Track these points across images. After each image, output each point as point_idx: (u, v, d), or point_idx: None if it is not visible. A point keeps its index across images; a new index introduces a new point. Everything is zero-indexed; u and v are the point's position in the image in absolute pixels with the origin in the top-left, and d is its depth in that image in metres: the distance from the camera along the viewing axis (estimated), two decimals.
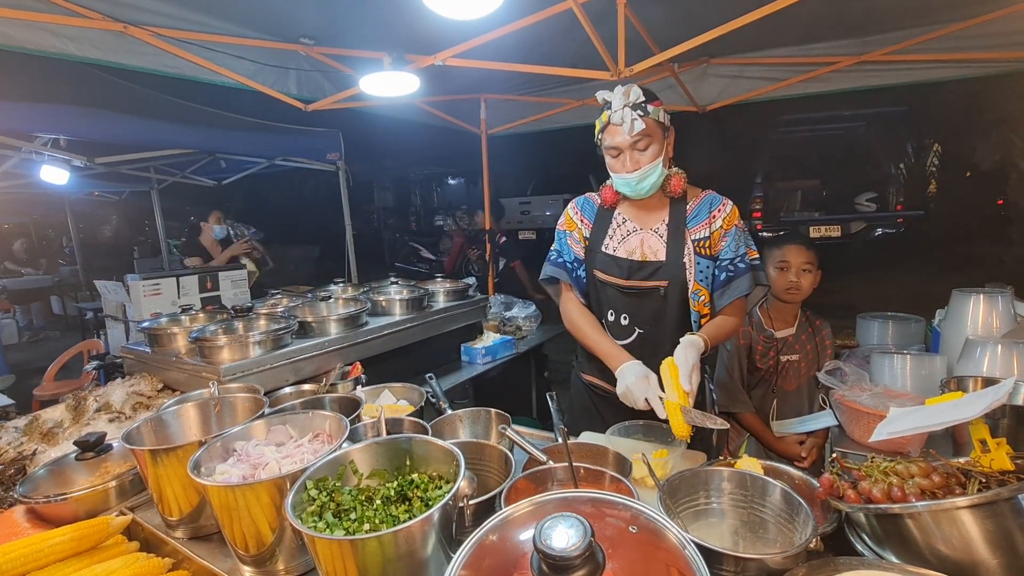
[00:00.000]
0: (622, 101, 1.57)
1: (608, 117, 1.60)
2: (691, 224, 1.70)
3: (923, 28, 3.13)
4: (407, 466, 1.06)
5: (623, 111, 1.56)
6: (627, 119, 1.55)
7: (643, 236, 1.74)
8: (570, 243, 1.85)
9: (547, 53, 3.11)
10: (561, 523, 0.69)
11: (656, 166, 1.61)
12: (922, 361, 1.91)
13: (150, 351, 2.17)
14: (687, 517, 1.10)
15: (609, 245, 1.77)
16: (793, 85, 3.79)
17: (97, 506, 1.28)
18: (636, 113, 1.55)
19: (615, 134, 1.60)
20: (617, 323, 1.76)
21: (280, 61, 3.14)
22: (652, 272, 1.69)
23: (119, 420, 1.77)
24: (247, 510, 0.97)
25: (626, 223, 1.78)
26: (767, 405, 2.20)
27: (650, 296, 1.70)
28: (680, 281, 1.67)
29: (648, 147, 1.59)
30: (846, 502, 1.03)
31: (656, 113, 1.59)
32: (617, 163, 1.64)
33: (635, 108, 1.56)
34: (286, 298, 2.92)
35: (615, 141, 1.60)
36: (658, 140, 1.61)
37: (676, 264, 1.67)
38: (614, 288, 1.74)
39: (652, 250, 1.72)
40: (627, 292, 1.72)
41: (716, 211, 1.69)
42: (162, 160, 5.42)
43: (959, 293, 2.11)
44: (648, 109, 1.57)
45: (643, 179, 1.61)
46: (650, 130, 1.58)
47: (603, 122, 1.63)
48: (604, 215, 1.82)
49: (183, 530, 1.18)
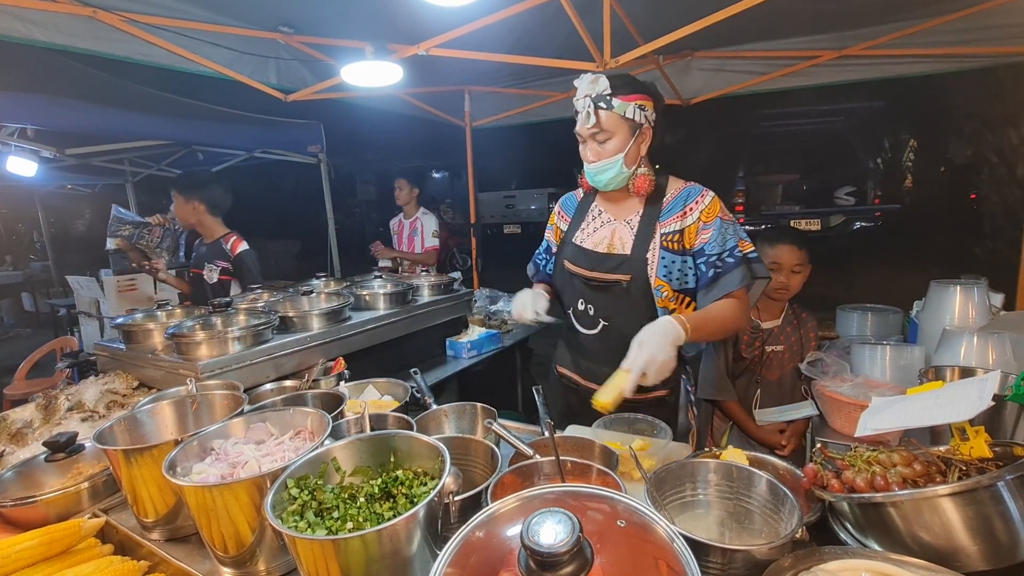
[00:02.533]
0: (584, 90, 1.53)
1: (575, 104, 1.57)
2: (664, 217, 1.65)
3: (902, 23, 3.18)
4: (391, 463, 1.04)
5: (583, 100, 1.53)
6: (584, 108, 1.53)
7: (615, 227, 1.72)
8: (547, 236, 1.93)
9: (532, 44, 3.08)
10: (549, 519, 0.68)
11: (615, 162, 1.57)
12: (901, 351, 1.94)
13: (125, 348, 2.10)
14: (674, 509, 1.10)
15: (579, 236, 1.77)
16: (775, 79, 3.82)
17: (69, 509, 1.23)
18: (598, 104, 1.51)
19: (579, 122, 1.59)
20: (585, 312, 1.76)
21: (258, 50, 3.06)
22: (616, 265, 1.67)
23: (92, 419, 1.71)
24: (225, 510, 0.94)
25: (601, 215, 1.77)
26: (751, 394, 2.23)
27: (612, 289, 1.68)
28: (642, 275, 1.63)
29: (607, 141, 1.55)
30: (830, 492, 1.04)
31: (623, 108, 1.52)
32: (582, 150, 1.64)
33: (597, 100, 1.51)
34: (267, 293, 2.86)
35: (578, 127, 1.60)
36: (622, 135, 1.55)
37: (639, 259, 1.63)
38: (580, 279, 1.73)
39: (622, 242, 1.69)
40: (591, 284, 1.71)
41: (692, 204, 1.62)
42: (136, 152, 5.26)
43: (937, 285, 2.15)
44: (613, 103, 1.50)
45: (600, 172, 1.60)
46: (610, 125, 1.53)
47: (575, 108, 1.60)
48: (583, 207, 1.82)
49: (159, 532, 1.15)
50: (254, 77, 3.09)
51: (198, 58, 2.77)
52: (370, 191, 15.81)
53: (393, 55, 2.76)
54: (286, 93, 3.36)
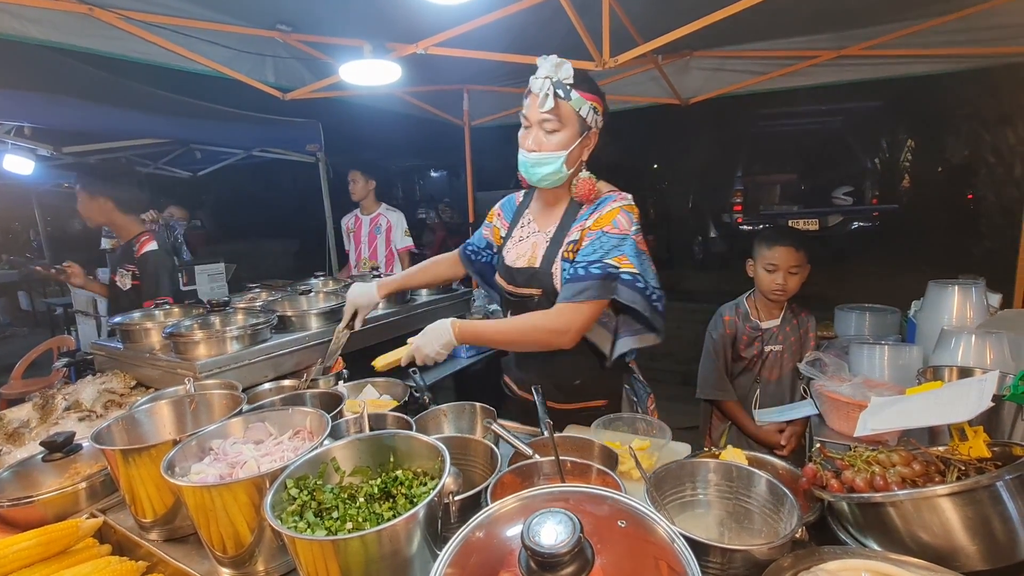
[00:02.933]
0: (546, 71, 1.42)
1: (530, 84, 1.46)
2: (572, 226, 1.57)
3: (901, 23, 3.18)
4: (391, 463, 1.03)
5: (543, 81, 1.42)
6: (542, 91, 1.41)
7: (536, 240, 1.64)
8: (484, 232, 1.89)
9: (531, 43, 3.07)
10: (549, 519, 0.68)
11: (556, 158, 1.47)
12: (899, 351, 1.95)
13: (122, 347, 2.09)
14: (673, 509, 1.10)
15: (506, 247, 1.73)
16: (774, 79, 3.82)
17: (66, 509, 1.23)
18: (555, 91, 1.41)
19: (530, 103, 1.47)
20: None
21: (256, 48, 3.05)
22: (527, 279, 1.61)
23: (90, 419, 1.70)
24: (224, 511, 0.94)
25: (529, 224, 1.70)
26: (750, 394, 2.23)
27: (527, 303, 1.62)
28: (550, 289, 1.56)
29: (555, 133, 1.46)
30: (829, 491, 1.04)
31: (579, 104, 1.44)
32: (523, 136, 1.52)
33: (557, 85, 1.42)
34: (265, 292, 2.85)
35: (527, 110, 1.48)
36: (570, 132, 1.47)
37: (545, 272, 1.57)
38: (505, 294, 1.70)
39: (536, 254, 1.62)
40: (511, 298, 1.68)
41: (595, 211, 1.54)
42: (134, 151, 5.23)
43: (935, 285, 2.15)
44: (572, 95, 1.43)
45: (538, 164, 1.49)
46: (564, 116, 1.44)
47: (528, 87, 1.49)
48: (518, 213, 1.77)
49: (158, 532, 1.14)
50: (252, 75, 3.09)
51: (196, 56, 2.77)
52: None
53: (391, 54, 2.76)
54: (284, 92, 3.35)
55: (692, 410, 4.73)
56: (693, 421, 4.59)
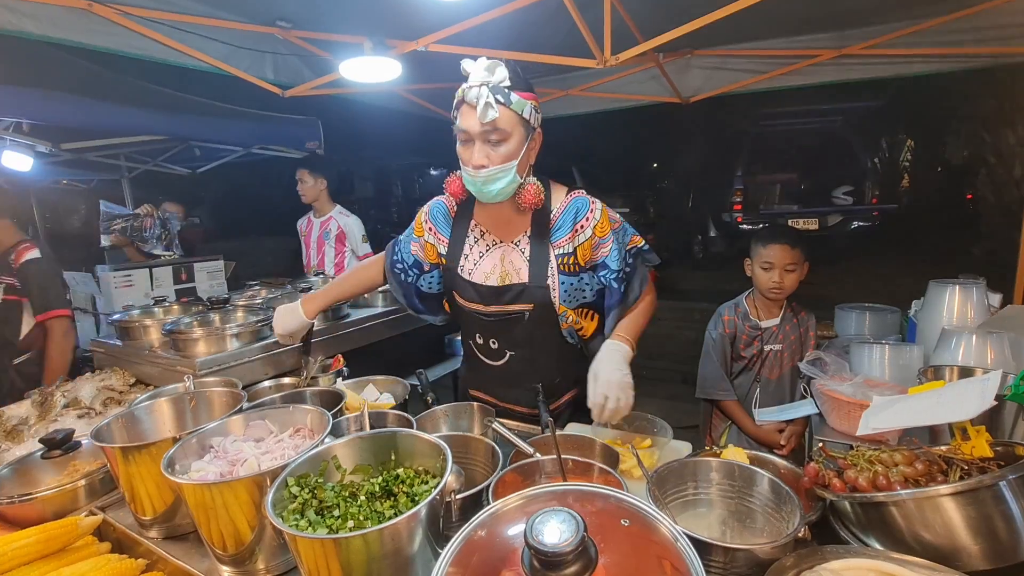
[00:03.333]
0: (480, 76, 1.28)
1: (463, 92, 1.32)
2: (555, 237, 1.50)
3: (903, 22, 3.18)
4: (392, 461, 1.03)
5: (479, 89, 1.28)
6: (481, 100, 1.27)
7: (504, 252, 1.54)
8: (413, 248, 1.68)
9: (532, 41, 3.06)
10: (553, 518, 0.68)
11: (508, 169, 1.36)
12: (900, 351, 1.95)
13: (121, 344, 2.09)
14: (675, 507, 1.10)
15: (464, 267, 1.57)
16: (775, 78, 3.81)
17: (65, 506, 1.22)
18: (495, 97, 1.27)
19: (466, 114, 1.32)
20: (487, 346, 1.62)
21: (255, 44, 3.04)
22: (515, 295, 1.50)
23: (89, 416, 1.70)
24: (225, 509, 0.93)
25: (484, 237, 1.56)
26: (750, 393, 2.23)
27: (515, 320, 1.54)
28: (545, 303, 1.51)
29: (502, 143, 1.33)
30: (831, 491, 1.04)
31: (521, 106, 1.32)
32: (466, 152, 1.37)
33: (494, 91, 1.28)
34: (264, 289, 2.85)
35: (466, 123, 1.33)
36: (517, 138, 1.35)
37: (539, 286, 1.49)
38: (476, 315, 1.58)
39: (515, 268, 1.52)
40: (490, 318, 1.56)
41: (583, 221, 1.49)
42: (133, 147, 5.21)
43: (935, 284, 2.15)
44: (512, 99, 1.30)
45: (489, 181, 1.36)
46: (508, 124, 1.31)
47: (458, 97, 1.34)
48: (459, 227, 1.60)
49: (157, 530, 1.14)
50: (251, 72, 3.07)
51: (194, 52, 2.75)
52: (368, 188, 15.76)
53: (392, 51, 2.74)
54: (284, 88, 3.34)
55: (692, 409, 4.73)
56: (693, 420, 4.59)
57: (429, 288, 1.74)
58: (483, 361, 1.66)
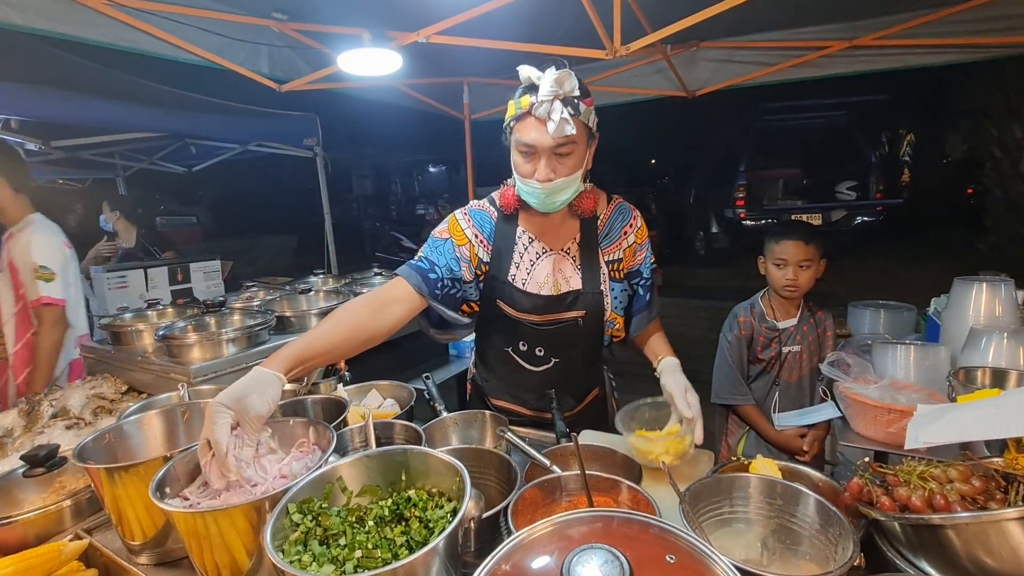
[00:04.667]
0: (553, 90, 1.20)
1: (530, 104, 1.23)
2: (604, 244, 1.50)
3: (915, 13, 3.09)
4: (402, 482, 0.94)
5: (552, 104, 1.20)
6: (556, 115, 1.20)
7: (555, 259, 1.49)
8: (458, 255, 1.47)
9: (537, 31, 2.96)
10: (593, 558, 0.60)
11: (575, 180, 1.32)
12: (926, 352, 1.86)
13: (113, 350, 2.00)
14: (710, 526, 1.02)
15: (517, 276, 1.48)
16: (783, 70, 3.72)
17: (49, 529, 1.14)
18: (568, 111, 1.21)
19: (533, 128, 1.24)
20: (531, 353, 1.56)
21: (250, 36, 2.93)
22: (569, 303, 1.48)
23: (78, 427, 1.61)
24: (220, 537, 0.85)
25: (533, 244, 1.49)
26: (769, 397, 2.14)
27: (566, 327, 1.51)
28: (598, 310, 1.50)
29: (570, 155, 1.28)
30: (880, 510, 0.96)
31: (588, 116, 1.28)
32: (528, 166, 1.30)
33: (566, 103, 1.21)
34: (263, 291, 2.76)
35: (532, 138, 1.25)
36: (582, 148, 1.30)
37: (593, 292, 1.48)
38: (527, 324, 1.51)
39: (565, 277, 1.49)
40: (542, 326, 1.51)
41: (627, 227, 1.51)
42: (127, 145, 5.11)
43: (961, 282, 2.06)
44: (581, 108, 1.25)
45: (556, 192, 1.31)
46: (578, 135, 1.25)
47: (521, 108, 1.25)
48: (505, 234, 1.49)
49: (148, 555, 1.05)
50: (246, 65, 2.97)
51: (186, 44, 2.64)
52: (367, 186, 15.66)
53: (392, 42, 2.65)
54: (280, 83, 3.24)
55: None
56: None
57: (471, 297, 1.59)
58: (523, 367, 1.59)
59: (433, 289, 1.42)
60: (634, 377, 1.68)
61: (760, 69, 3.77)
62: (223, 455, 0.93)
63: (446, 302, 1.48)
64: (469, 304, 1.59)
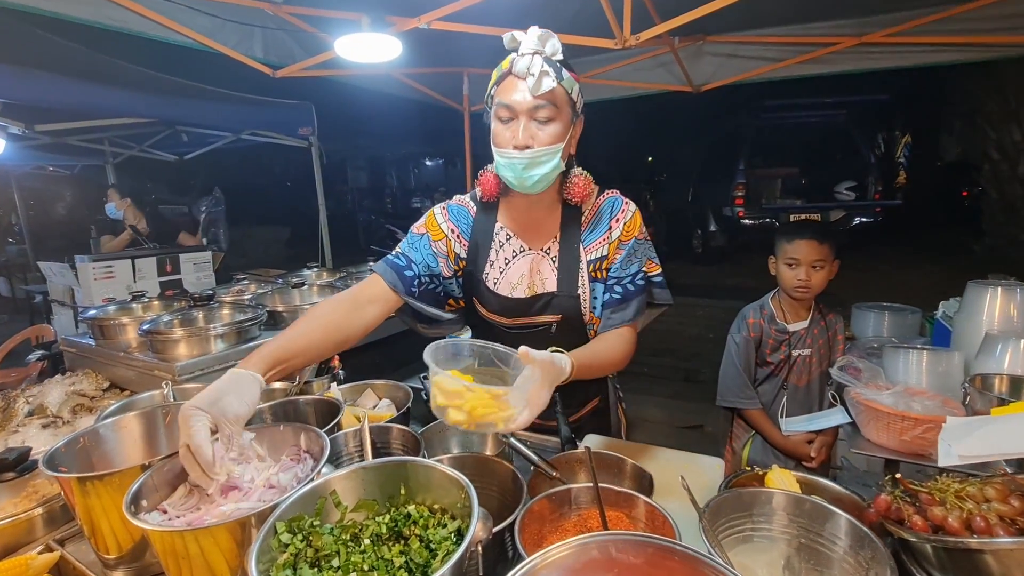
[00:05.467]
0: (532, 45, 1.15)
1: (510, 63, 1.17)
2: (588, 240, 1.37)
3: (928, 9, 3.03)
4: (401, 496, 0.87)
5: (532, 59, 1.14)
6: (535, 68, 1.13)
7: (532, 260, 1.39)
8: (434, 250, 1.40)
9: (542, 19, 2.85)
10: None
11: (554, 152, 1.21)
12: (939, 357, 1.82)
13: (95, 344, 1.91)
14: (729, 543, 0.95)
15: (490, 275, 1.41)
16: (790, 66, 3.65)
17: (19, 538, 1.06)
18: (550, 69, 1.14)
19: (513, 89, 1.17)
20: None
21: (243, 18, 2.82)
22: (542, 307, 1.37)
23: (55, 426, 1.52)
24: (201, 557, 0.77)
25: (510, 242, 1.40)
26: (776, 401, 2.09)
27: (539, 333, 1.40)
28: (574, 314, 1.38)
29: (551, 122, 1.19)
30: (911, 530, 0.89)
31: (571, 85, 1.20)
32: (506, 132, 1.21)
33: (548, 63, 1.15)
34: (254, 284, 2.68)
35: (511, 98, 1.17)
36: (564, 121, 1.21)
37: (568, 295, 1.35)
38: (498, 326, 1.43)
39: (542, 278, 1.38)
40: (512, 330, 1.42)
41: (614, 220, 1.36)
42: (116, 131, 4.98)
43: (974, 286, 2.01)
44: (564, 75, 1.18)
45: (534, 164, 1.20)
46: (559, 101, 1.18)
47: (502, 70, 1.19)
48: (482, 229, 1.41)
49: (124, 570, 0.98)
50: (238, 49, 2.85)
51: (175, 25, 2.52)
52: (362, 178, 15.50)
53: (391, 28, 2.55)
54: (274, 68, 3.13)
55: (695, 408, 4.64)
56: (696, 420, 4.51)
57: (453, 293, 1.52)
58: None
59: (409, 287, 1.37)
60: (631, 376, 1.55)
61: (766, 65, 3.71)
62: (209, 459, 0.86)
63: (425, 298, 1.42)
64: (455, 300, 1.51)
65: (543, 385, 0.99)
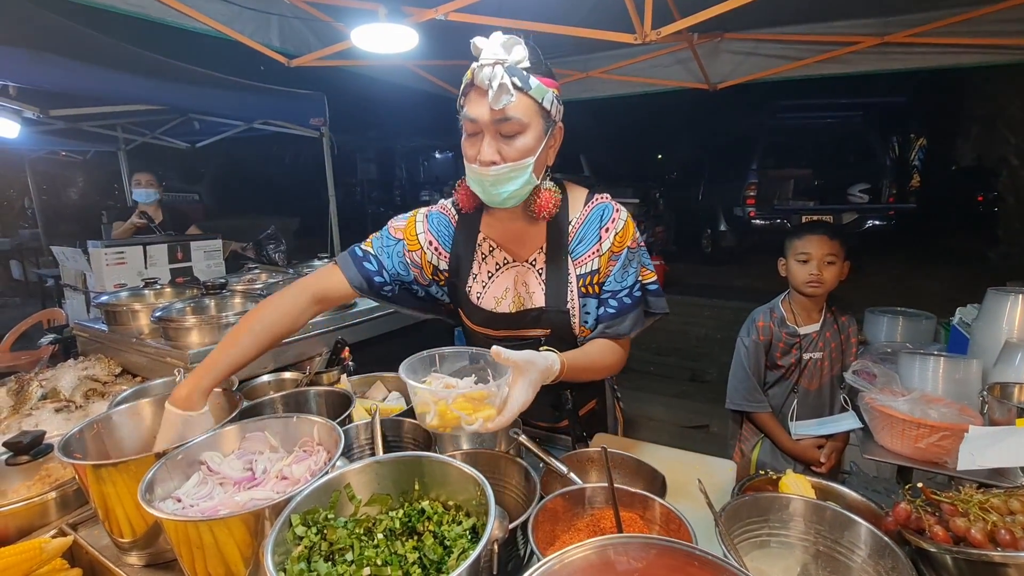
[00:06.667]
0: (494, 53, 1.05)
1: (473, 73, 1.08)
2: (576, 252, 1.28)
3: (951, 10, 2.97)
4: (415, 491, 0.87)
5: (492, 69, 1.04)
6: (495, 81, 1.04)
7: (517, 273, 1.32)
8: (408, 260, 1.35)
9: (560, 13, 2.84)
10: None
11: (523, 168, 1.13)
12: (956, 364, 1.79)
13: (107, 330, 1.92)
14: (744, 547, 0.94)
15: (473, 289, 1.34)
16: (809, 66, 3.60)
17: (32, 522, 1.06)
18: (511, 80, 1.05)
19: (477, 101, 1.09)
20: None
21: (260, 6, 2.81)
22: (531, 321, 1.31)
23: (68, 410, 1.53)
24: (215, 546, 0.77)
25: (493, 254, 1.33)
26: (786, 405, 2.06)
27: (528, 345, 1.30)
28: (564, 328, 1.31)
29: (518, 135, 1.10)
30: (932, 541, 0.88)
31: (541, 94, 1.10)
32: (471, 146, 1.14)
33: (511, 72, 1.05)
34: (265, 273, 2.68)
35: (475, 111, 1.09)
36: (535, 132, 1.12)
37: (558, 310, 1.28)
38: (485, 337, 1.38)
39: (529, 292, 1.31)
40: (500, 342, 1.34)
41: (605, 229, 1.27)
42: (129, 118, 5.00)
43: (994, 293, 1.98)
44: (531, 83, 1.08)
45: (500, 181, 1.13)
46: (526, 113, 1.09)
47: (467, 79, 1.11)
48: (464, 240, 1.34)
49: (138, 555, 0.98)
50: (255, 38, 2.84)
51: (193, 12, 2.51)
52: (371, 170, 15.49)
53: (409, 18, 2.53)
54: (289, 57, 3.12)
55: (701, 408, 4.62)
56: (701, 420, 4.49)
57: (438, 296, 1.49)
58: None
59: (379, 291, 1.35)
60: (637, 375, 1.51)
61: (785, 63, 3.65)
62: None
63: (404, 298, 1.42)
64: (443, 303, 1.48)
65: (521, 383, 0.98)
